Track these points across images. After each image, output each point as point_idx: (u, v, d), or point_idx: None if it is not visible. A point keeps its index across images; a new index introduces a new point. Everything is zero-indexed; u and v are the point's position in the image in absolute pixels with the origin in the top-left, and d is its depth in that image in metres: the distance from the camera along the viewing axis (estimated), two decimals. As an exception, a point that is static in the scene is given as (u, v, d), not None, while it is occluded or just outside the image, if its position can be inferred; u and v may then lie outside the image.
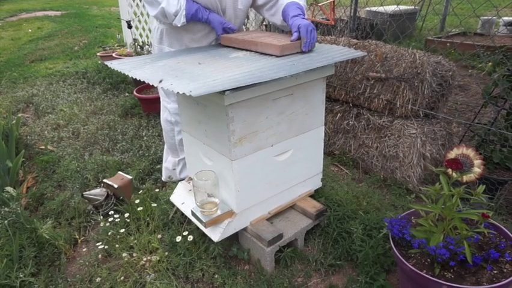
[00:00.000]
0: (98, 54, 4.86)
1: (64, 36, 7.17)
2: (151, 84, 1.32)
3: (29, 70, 5.15)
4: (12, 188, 2.08)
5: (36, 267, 1.74)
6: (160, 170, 2.41)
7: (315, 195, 1.91)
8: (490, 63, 2.42)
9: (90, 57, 5.60)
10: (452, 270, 1.26)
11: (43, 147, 2.88)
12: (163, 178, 2.33)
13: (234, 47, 1.76)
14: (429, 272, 1.26)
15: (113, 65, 1.61)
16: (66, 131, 3.14)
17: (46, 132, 3.18)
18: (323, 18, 3.67)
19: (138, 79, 1.39)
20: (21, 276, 1.63)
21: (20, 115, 3.44)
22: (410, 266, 1.26)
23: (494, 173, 2.10)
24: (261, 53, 1.61)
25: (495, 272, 1.24)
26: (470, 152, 1.38)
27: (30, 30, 7.86)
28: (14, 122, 2.89)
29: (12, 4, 12.06)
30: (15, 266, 1.68)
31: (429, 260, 1.31)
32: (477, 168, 1.35)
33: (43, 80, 4.64)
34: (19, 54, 6.05)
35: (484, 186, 1.35)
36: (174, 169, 2.27)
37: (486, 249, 1.30)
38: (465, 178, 1.35)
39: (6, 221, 1.80)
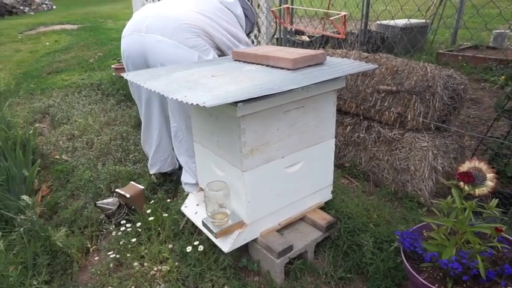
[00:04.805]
0: (112, 66, 4.96)
1: (80, 49, 7.36)
2: (170, 97, 1.32)
3: (46, 82, 5.28)
4: (28, 197, 2.12)
5: (49, 275, 1.76)
6: (172, 181, 2.44)
7: (325, 207, 1.91)
8: (502, 77, 2.41)
9: (104, 69, 5.72)
10: (465, 285, 1.24)
11: (58, 156, 2.94)
12: (189, 185, 2.23)
13: (246, 62, 1.79)
14: (441, 286, 1.24)
15: (129, 76, 1.66)
16: (80, 141, 3.21)
17: (61, 142, 3.25)
18: (333, 32, 3.70)
19: (153, 91, 1.42)
20: (34, 283, 1.66)
21: (36, 125, 3.53)
22: (422, 279, 1.25)
23: (507, 187, 2.08)
24: (274, 67, 1.64)
25: None
26: (483, 166, 1.38)
27: (47, 43, 8.09)
28: (31, 132, 2.96)
29: (31, 18, 12.46)
30: (29, 273, 1.71)
31: (441, 274, 1.30)
32: (490, 182, 1.34)
33: (59, 91, 4.76)
34: (37, 66, 6.22)
35: (497, 200, 1.33)
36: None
37: (500, 264, 1.28)
38: (477, 192, 1.35)
39: (21, 229, 1.84)
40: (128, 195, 2.11)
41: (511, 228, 1.81)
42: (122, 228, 1.98)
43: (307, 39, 5.17)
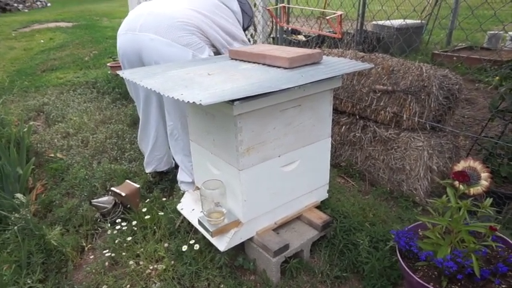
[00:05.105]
0: (108, 64, 4.94)
1: (75, 46, 7.31)
2: (166, 95, 1.31)
3: (40, 79, 5.24)
4: (22, 195, 2.11)
5: (43, 274, 1.75)
6: (168, 180, 2.43)
7: (322, 206, 1.91)
8: (496, 77, 2.43)
9: (100, 67, 5.69)
10: (459, 284, 1.25)
11: (53, 155, 2.92)
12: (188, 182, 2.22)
13: (242, 60, 1.79)
14: (436, 285, 1.25)
15: (125, 74, 1.65)
16: (75, 140, 3.19)
17: (56, 140, 3.22)
18: (329, 32, 3.71)
19: (149, 89, 1.42)
20: (29, 282, 1.65)
21: (31, 123, 3.50)
22: (417, 278, 1.26)
23: (501, 187, 2.09)
24: (270, 66, 1.64)
25: (503, 286, 1.23)
26: (478, 165, 1.39)
27: (42, 41, 8.03)
28: (25, 130, 2.94)
29: (26, 15, 12.35)
30: (23, 272, 1.69)
31: (436, 272, 1.31)
32: (484, 181, 1.35)
33: (54, 89, 4.72)
34: (31, 64, 6.16)
35: (492, 199, 1.34)
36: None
37: (494, 263, 1.29)
38: (472, 191, 1.36)
39: (16, 227, 1.83)
40: (123, 194, 2.10)
41: (505, 227, 1.83)
42: (118, 227, 1.97)
43: (304, 38, 5.17)
